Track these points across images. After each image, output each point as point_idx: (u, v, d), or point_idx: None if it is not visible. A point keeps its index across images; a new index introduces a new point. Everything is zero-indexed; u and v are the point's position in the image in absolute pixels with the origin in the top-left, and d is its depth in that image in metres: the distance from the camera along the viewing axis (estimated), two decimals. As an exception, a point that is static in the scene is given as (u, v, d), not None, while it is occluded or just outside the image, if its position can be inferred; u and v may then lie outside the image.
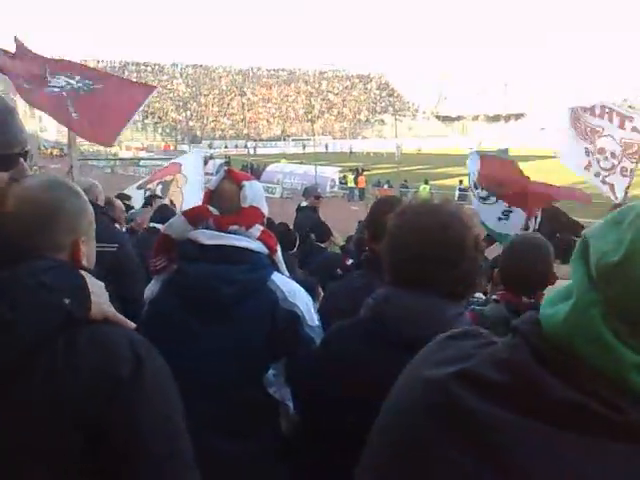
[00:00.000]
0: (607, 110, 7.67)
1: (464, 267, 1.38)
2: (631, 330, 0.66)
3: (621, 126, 7.38)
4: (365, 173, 31.34)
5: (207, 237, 1.81)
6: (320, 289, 3.28)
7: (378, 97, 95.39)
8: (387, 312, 1.41)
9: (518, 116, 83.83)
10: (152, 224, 5.04)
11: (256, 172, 34.58)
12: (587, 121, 7.75)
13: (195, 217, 1.87)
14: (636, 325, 0.65)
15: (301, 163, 36.98)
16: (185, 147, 63.18)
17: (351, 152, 61.61)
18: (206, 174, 8.67)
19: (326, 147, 69.21)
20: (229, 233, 1.82)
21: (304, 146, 43.29)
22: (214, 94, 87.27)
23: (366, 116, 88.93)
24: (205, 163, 37.72)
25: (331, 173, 32.75)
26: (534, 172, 7.69)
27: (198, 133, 73.01)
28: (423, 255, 1.37)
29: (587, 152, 7.65)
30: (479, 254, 1.43)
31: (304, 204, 7.82)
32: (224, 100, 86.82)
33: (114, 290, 1.30)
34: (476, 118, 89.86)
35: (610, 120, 7.56)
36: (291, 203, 13.30)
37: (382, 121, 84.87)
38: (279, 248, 1.97)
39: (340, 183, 31.97)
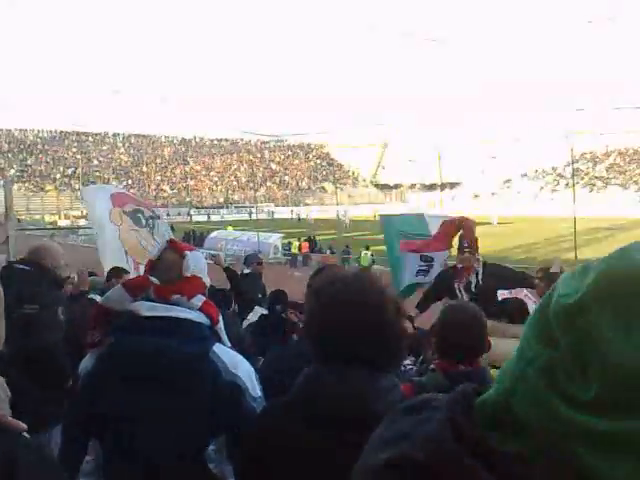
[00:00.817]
0: None
1: (387, 335, 1.37)
2: (580, 374, 0.56)
3: None
4: (306, 238, 31.64)
5: (146, 309, 1.76)
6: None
7: (319, 166, 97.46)
8: (319, 392, 1.36)
9: (453, 185, 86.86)
10: (91, 295, 4.85)
11: (199, 239, 34.43)
12: None
13: (135, 287, 1.84)
14: (586, 371, 0.56)
15: (245, 230, 37.03)
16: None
17: (299, 218, 62.17)
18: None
19: (272, 214, 69.76)
20: (171, 304, 1.78)
21: (250, 213, 43.55)
22: (156, 163, 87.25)
23: (307, 184, 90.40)
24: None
25: (274, 239, 32.87)
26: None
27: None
28: (345, 329, 1.34)
29: None
30: (400, 320, 1.42)
31: (247, 271, 7.83)
32: (167, 169, 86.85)
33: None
34: (413, 186, 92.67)
35: None
36: (237, 268, 13.25)
37: (323, 189, 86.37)
38: (221, 318, 1.93)
39: (283, 249, 32.07)
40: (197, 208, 69.50)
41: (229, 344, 1.98)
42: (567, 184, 63.21)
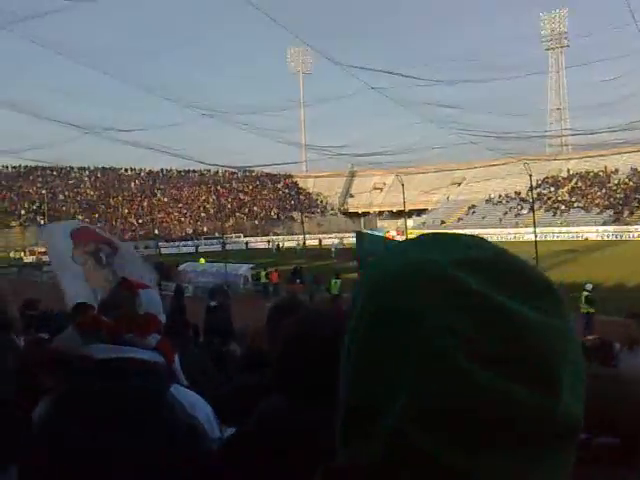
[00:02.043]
0: None
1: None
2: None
3: None
4: (278, 268, 31.68)
5: (99, 351, 1.71)
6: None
7: (287, 195, 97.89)
8: (287, 426, 1.36)
9: (420, 211, 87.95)
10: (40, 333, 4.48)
11: (167, 271, 34.18)
12: None
13: (87, 328, 1.78)
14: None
15: (215, 261, 36.90)
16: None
17: (278, 248, 61.83)
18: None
19: (246, 245, 69.79)
20: (124, 343, 1.74)
21: (223, 244, 43.43)
22: (123, 196, 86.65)
23: (276, 213, 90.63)
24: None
25: (244, 270, 32.83)
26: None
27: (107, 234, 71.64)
28: (311, 364, 1.34)
29: None
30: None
31: (213, 304, 7.82)
32: (134, 201, 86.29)
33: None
34: (381, 213, 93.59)
35: None
36: (204, 302, 13.32)
37: (292, 218, 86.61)
38: (176, 358, 1.92)
39: (253, 280, 32.03)
40: (166, 241, 69.10)
41: (185, 382, 1.96)
42: (530, 208, 64.53)
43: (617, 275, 24.76)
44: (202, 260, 38.98)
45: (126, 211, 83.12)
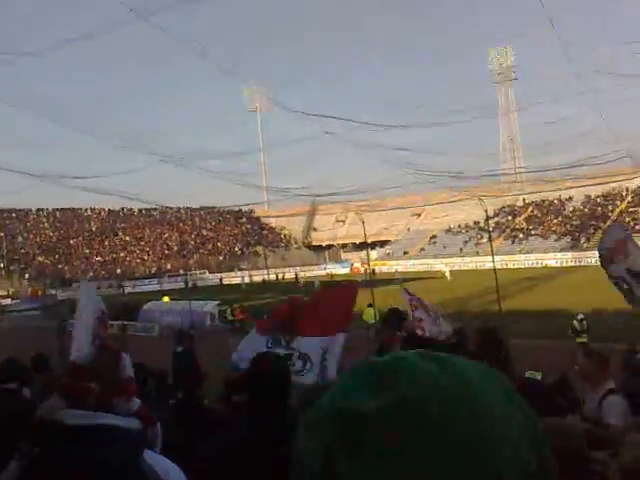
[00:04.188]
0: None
1: None
2: None
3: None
4: (245, 304, 31.57)
5: (71, 417, 1.67)
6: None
7: (250, 230, 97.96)
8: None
9: (383, 243, 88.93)
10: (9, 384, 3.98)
11: (131, 311, 33.71)
12: None
13: (76, 396, 1.74)
14: None
15: (179, 299, 36.60)
16: (53, 291, 60.61)
17: (245, 284, 61.51)
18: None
19: (220, 280, 69.34)
20: (110, 409, 1.72)
21: (188, 282, 43.00)
22: (84, 236, 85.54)
23: (240, 249, 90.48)
24: (75, 308, 36.20)
25: (209, 307, 32.65)
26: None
27: (68, 275, 70.47)
28: None
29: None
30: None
31: (179, 349, 7.70)
32: (94, 241, 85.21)
33: None
34: (345, 246, 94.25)
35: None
36: (171, 342, 13.34)
37: (256, 252, 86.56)
38: (158, 424, 1.92)
39: (220, 317, 31.82)
40: (129, 280, 68.26)
41: (160, 445, 1.95)
42: (489, 237, 65.83)
43: (581, 301, 25.50)
44: (165, 298, 38.55)
45: (87, 251, 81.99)
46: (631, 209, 69.39)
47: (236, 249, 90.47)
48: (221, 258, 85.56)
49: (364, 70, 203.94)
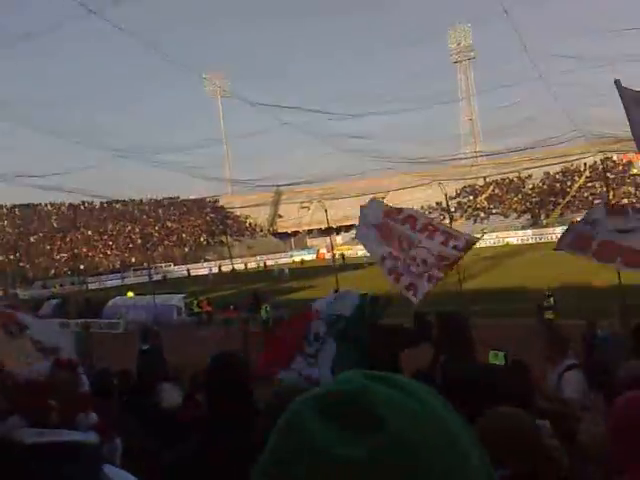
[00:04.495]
0: (430, 227, 7.63)
1: None
2: None
3: (444, 243, 7.34)
4: (210, 296, 31.46)
5: (29, 435, 1.63)
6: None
7: (215, 220, 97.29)
8: None
9: (349, 227, 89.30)
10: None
11: (95, 307, 33.25)
12: (403, 232, 7.68)
13: (35, 414, 1.69)
14: None
15: (145, 294, 36.23)
16: (15, 290, 59.49)
17: (212, 274, 60.69)
18: (41, 317, 8.31)
19: (188, 272, 68.70)
20: (69, 426, 1.69)
21: (152, 276, 42.36)
22: (44, 232, 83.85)
23: (205, 239, 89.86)
24: (38, 306, 35.22)
25: (176, 301, 32.41)
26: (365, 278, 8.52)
27: (30, 274, 69.13)
28: None
29: (391, 257, 7.62)
30: None
31: (145, 347, 7.62)
32: (56, 237, 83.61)
33: None
34: (310, 232, 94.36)
35: (431, 237, 7.44)
36: (136, 339, 13.25)
37: (222, 242, 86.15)
38: (118, 438, 1.92)
39: (187, 309, 31.63)
40: (92, 275, 67.28)
41: (118, 461, 1.94)
42: (452, 217, 66.61)
43: (545, 276, 26.10)
44: (130, 293, 38.09)
45: (48, 247, 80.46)
46: (589, 184, 70.92)
47: (201, 239, 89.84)
48: (186, 249, 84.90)
49: (318, 59, 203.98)
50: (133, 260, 77.43)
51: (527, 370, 5.50)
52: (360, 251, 68.54)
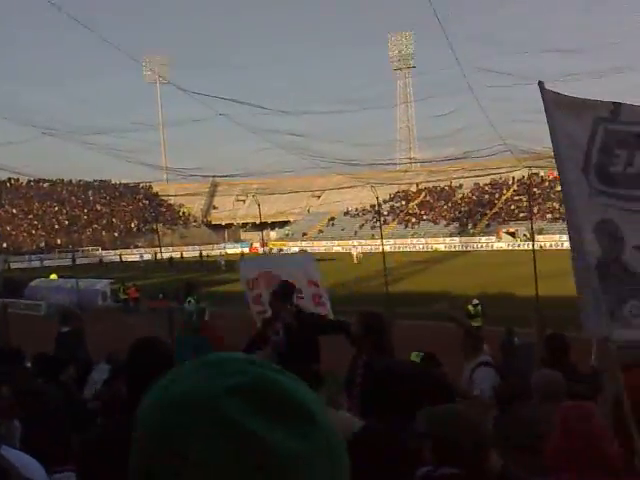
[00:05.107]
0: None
1: None
2: None
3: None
4: (137, 283, 31.03)
5: None
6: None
7: (148, 207, 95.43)
8: None
9: (283, 223, 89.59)
10: None
11: (16, 288, 32.15)
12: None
13: None
14: None
15: (70, 276, 35.27)
16: None
17: (171, 260, 59.02)
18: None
19: (120, 257, 67.02)
20: None
21: (76, 259, 41.17)
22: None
23: (136, 225, 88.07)
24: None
25: (102, 286, 31.74)
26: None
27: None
28: None
29: None
30: None
31: (64, 330, 7.12)
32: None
33: None
34: (245, 225, 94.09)
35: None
36: (56, 323, 12.96)
37: (153, 230, 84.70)
38: (16, 419, 1.89)
39: (113, 295, 31.06)
40: (15, 255, 64.86)
41: (17, 443, 1.94)
42: (384, 221, 67.96)
43: (469, 284, 27.06)
44: (53, 275, 36.92)
45: (-31, 223, 77.02)
46: (516, 197, 73.70)
47: (132, 226, 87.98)
48: (116, 235, 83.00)
49: (260, 53, 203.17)
50: (59, 242, 75.09)
51: (439, 364, 5.91)
52: (294, 247, 69.01)
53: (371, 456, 2.36)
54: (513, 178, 77.05)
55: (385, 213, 79.09)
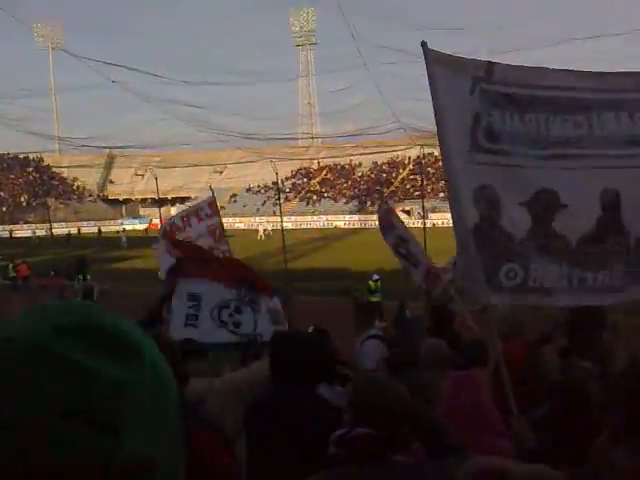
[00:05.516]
0: (184, 218, 9.24)
1: None
2: None
3: (199, 221, 9.08)
4: (28, 260, 29.93)
5: None
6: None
7: (39, 180, 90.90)
8: None
9: (184, 199, 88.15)
10: None
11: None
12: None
13: None
14: None
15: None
16: None
17: (69, 236, 56.29)
18: None
19: (10, 234, 63.33)
20: None
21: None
22: None
23: (26, 200, 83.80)
24: None
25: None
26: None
27: None
28: None
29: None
30: None
31: None
32: None
33: None
34: (144, 201, 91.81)
35: (189, 224, 9.02)
36: None
37: (45, 204, 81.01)
38: None
39: (1, 272, 29.65)
40: None
41: None
42: (286, 198, 68.67)
43: (367, 260, 27.97)
44: None
45: None
46: (411, 177, 76.44)
47: (21, 200, 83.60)
48: (4, 209, 78.67)
49: (157, 20, 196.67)
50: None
51: (329, 338, 6.57)
52: (193, 224, 67.94)
53: (270, 420, 2.76)
54: (409, 158, 79.65)
55: (287, 190, 79.78)
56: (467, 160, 3.18)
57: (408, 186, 73.39)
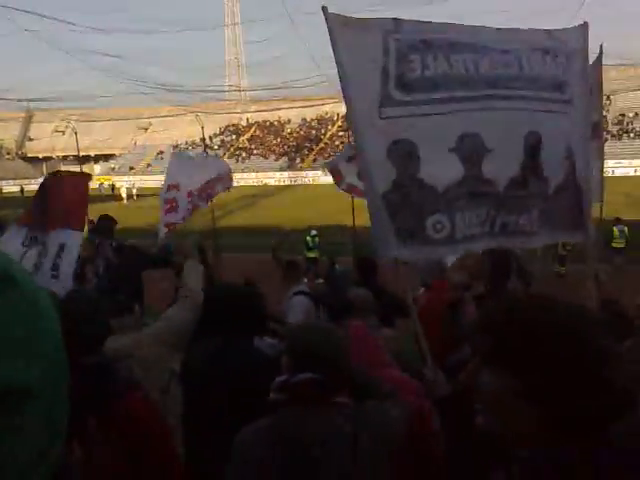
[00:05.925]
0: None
1: None
2: None
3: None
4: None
5: None
6: None
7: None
8: None
9: (108, 157, 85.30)
10: None
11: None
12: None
13: None
14: None
15: None
16: None
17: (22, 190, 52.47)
18: None
19: None
20: None
21: None
22: None
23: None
24: None
25: None
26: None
27: None
28: None
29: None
30: None
31: None
32: None
33: None
34: (66, 158, 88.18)
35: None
36: None
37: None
38: None
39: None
40: None
41: None
42: (216, 155, 67.40)
43: (298, 216, 28.08)
44: None
45: None
46: (340, 133, 76.51)
47: None
48: None
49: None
50: None
51: (259, 291, 6.66)
52: (121, 182, 66.21)
53: (210, 373, 2.80)
54: (338, 114, 79.55)
55: (216, 147, 78.47)
56: (378, 116, 3.06)
57: (337, 142, 73.49)
